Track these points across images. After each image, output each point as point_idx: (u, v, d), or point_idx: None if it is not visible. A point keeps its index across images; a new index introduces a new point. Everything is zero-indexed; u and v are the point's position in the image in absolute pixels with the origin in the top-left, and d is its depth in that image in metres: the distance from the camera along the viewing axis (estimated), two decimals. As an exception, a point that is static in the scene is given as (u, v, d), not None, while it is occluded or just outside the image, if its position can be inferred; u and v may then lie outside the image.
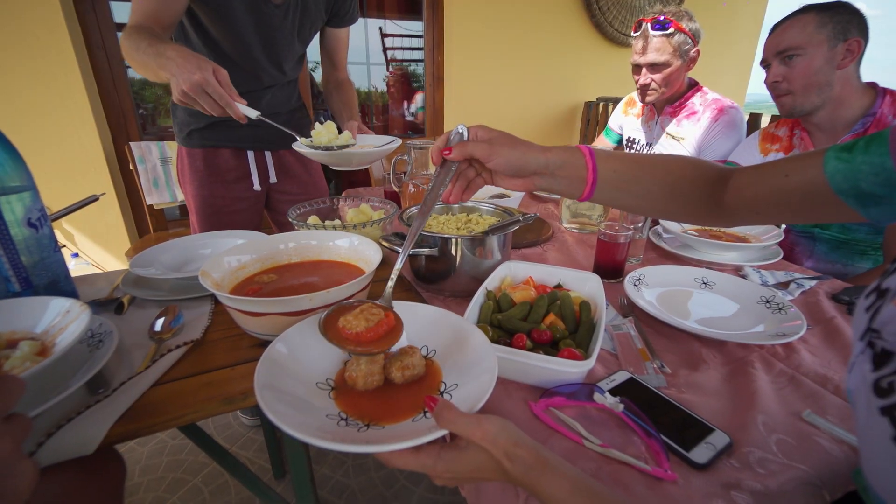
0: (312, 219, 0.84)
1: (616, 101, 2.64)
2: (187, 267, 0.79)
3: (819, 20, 0.97)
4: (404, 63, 2.90)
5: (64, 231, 2.11)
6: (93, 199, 0.89)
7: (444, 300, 0.77)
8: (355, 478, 1.34)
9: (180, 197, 2.10)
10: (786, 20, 1.03)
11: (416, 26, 2.68)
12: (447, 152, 0.52)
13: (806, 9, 1.00)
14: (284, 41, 1.07)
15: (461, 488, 0.64)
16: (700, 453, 0.44)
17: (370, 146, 1.04)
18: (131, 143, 1.97)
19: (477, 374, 0.43)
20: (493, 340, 0.55)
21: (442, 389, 0.46)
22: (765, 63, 1.07)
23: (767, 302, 0.73)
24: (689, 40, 1.29)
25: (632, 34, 1.35)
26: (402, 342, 0.48)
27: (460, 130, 0.54)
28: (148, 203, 2.03)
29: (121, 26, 2.02)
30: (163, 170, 2.05)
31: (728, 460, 0.44)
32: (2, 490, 0.26)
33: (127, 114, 2.13)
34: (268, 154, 1.22)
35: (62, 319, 0.54)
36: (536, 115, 2.86)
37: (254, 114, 0.78)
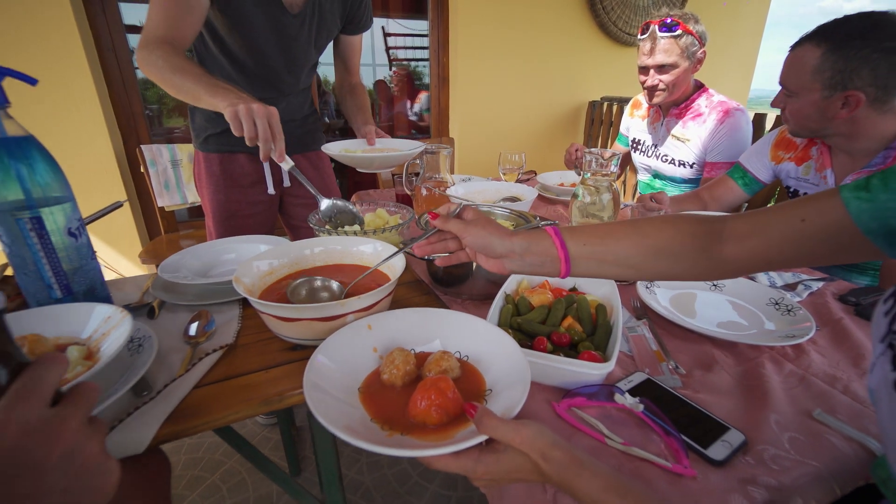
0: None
1: (620, 100, 2.65)
2: (213, 271, 0.81)
3: (819, 63, 0.86)
4: (407, 62, 2.92)
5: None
6: (117, 206, 0.92)
7: (463, 303, 0.79)
8: (369, 475, 1.37)
9: (191, 199, 2.13)
10: (800, 43, 0.91)
11: (419, 25, 2.69)
12: (433, 217, 0.54)
13: (819, 39, 0.87)
14: (301, 50, 1.09)
15: (480, 487, 0.67)
16: (717, 451, 0.47)
17: (392, 149, 1.09)
18: (142, 146, 1.99)
19: (510, 381, 0.46)
20: (516, 343, 0.58)
21: (485, 393, 0.48)
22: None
23: (776, 304, 0.75)
24: (696, 42, 1.30)
25: (639, 36, 1.36)
26: (437, 346, 0.51)
27: (453, 207, 0.56)
28: (159, 205, 2.06)
29: (130, 28, 2.04)
30: (173, 172, 2.08)
31: (744, 457, 0.47)
32: (95, 486, 0.29)
33: (137, 117, 2.15)
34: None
35: (104, 325, 0.56)
36: (541, 114, 2.88)
37: (290, 164, 0.84)
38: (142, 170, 2.02)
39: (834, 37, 0.85)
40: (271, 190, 1.24)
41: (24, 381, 0.28)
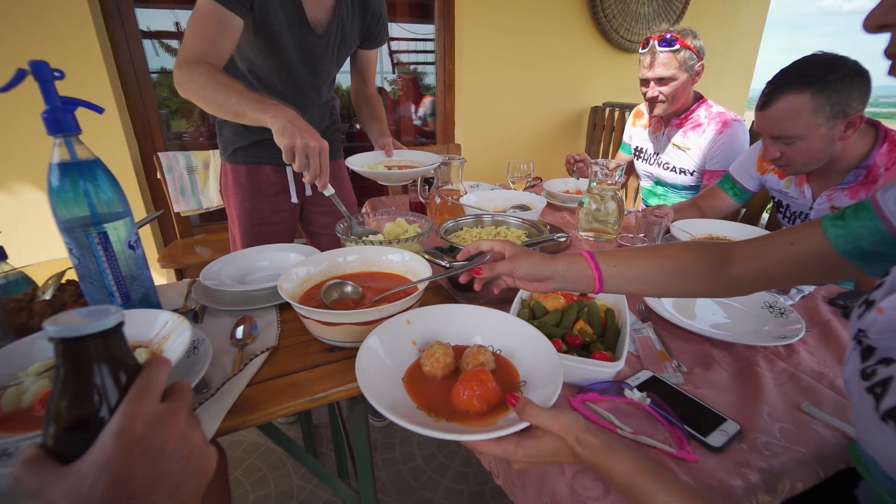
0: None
1: (621, 106, 2.72)
2: (248, 278, 0.88)
3: (814, 103, 0.90)
4: (412, 66, 2.98)
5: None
6: (158, 215, 0.99)
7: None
8: (384, 470, 1.43)
9: (205, 204, 2.20)
10: (776, 97, 0.94)
11: (424, 29, 2.75)
12: (478, 273, 0.62)
13: (799, 85, 0.91)
14: (325, 67, 1.16)
15: (495, 477, 0.74)
16: (715, 438, 0.53)
17: (410, 162, 1.16)
18: (159, 154, 2.06)
19: (545, 374, 0.51)
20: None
21: (520, 385, 0.54)
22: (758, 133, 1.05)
23: (770, 307, 0.82)
24: (694, 56, 1.37)
25: (640, 50, 1.43)
26: (474, 341, 0.58)
27: (485, 248, 0.66)
28: (175, 211, 2.12)
29: (146, 34, 2.11)
30: (189, 178, 2.14)
31: (739, 444, 0.53)
32: (201, 466, 0.35)
33: (152, 124, 2.22)
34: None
35: (164, 329, 0.62)
36: (545, 120, 2.94)
37: (331, 191, 0.92)
38: (158, 176, 2.08)
39: (812, 78, 0.90)
40: (294, 199, 1.30)
41: (143, 381, 0.33)
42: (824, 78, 0.89)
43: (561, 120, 2.99)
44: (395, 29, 2.97)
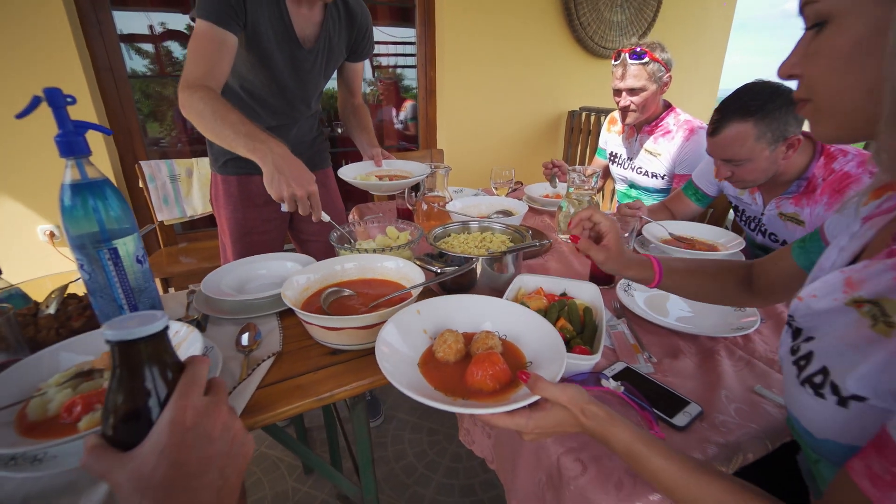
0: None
1: (597, 110, 2.83)
2: (247, 287, 0.92)
3: (756, 131, 1.01)
4: (392, 69, 3.02)
5: (74, 248, 2.17)
6: (150, 228, 1.02)
7: (469, 309, 0.91)
8: (378, 469, 1.48)
9: (189, 212, 2.19)
10: (723, 126, 1.04)
11: (405, 33, 2.79)
12: (575, 240, 0.77)
13: (743, 114, 1.01)
14: (314, 81, 1.20)
15: (488, 462, 0.80)
16: (680, 419, 0.60)
17: (401, 172, 1.21)
18: (141, 163, 2.05)
19: (550, 354, 0.58)
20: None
21: (526, 365, 0.60)
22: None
23: (731, 301, 0.90)
24: (662, 68, 1.46)
25: (613, 62, 1.52)
26: (482, 327, 0.66)
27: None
28: (159, 219, 2.12)
29: (124, 37, 2.09)
30: (172, 187, 2.14)
31: (700, 423, 0.61)
32: (242, 452, 0.39)
33: (133, 132, 2.21)
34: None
35: (174, 338, 0.66)
36: (524, 124, 3.03)
37: (327, 218, 0.95)
38: (140, 185, 2.07)
39: (754, 107, 1.00)
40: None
41: (188, 377, 0.38)
42: (764, 107, 1.00)
43: (540, 124, 3.09)
44: (375, 33, 3.01)
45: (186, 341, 0.65)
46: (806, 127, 1.03)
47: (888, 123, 0.36)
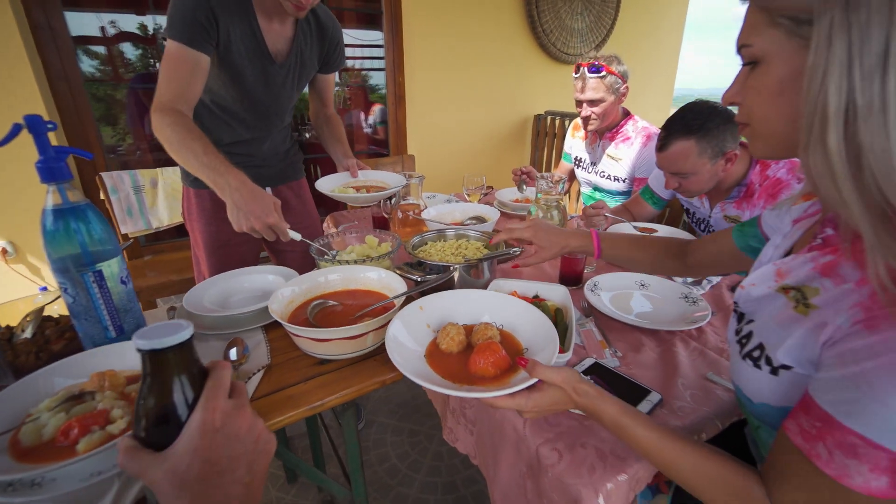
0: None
1: (562, 114, 2.94)
2: (230, 301, 0.93)
3: (698, 147, 1.13)
4: (360, 72, 3.02)
5: (30, 265, 2.07)
6: (128, 245, 1.01)
7: (449, 314, 0.96)
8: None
9: (155, 224, 2.14)
10: (670, 143, 1.16)
11: (372, 35, 2.80)
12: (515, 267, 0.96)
13: (686, 133, 1.14)
14: (286, 94, 1.21)
15: (471, 457, 0.85)
16: (644, 407, 0.67)
17: (378, 183, 1.25)
18: (103, 174, 1.98)
19: (543, 342, 0.64)
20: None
21: (523, 352, 0.66)
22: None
23: (686, 297, 0.99)
24: (619, 80, 1.56)
25: (574, 75, 1.60)
26: (480, 319, 0.72)
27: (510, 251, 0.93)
28: (123, 232, 2.05)
29: (79, 40, 2.01)
30: (136, 198, 2.08)
31: (661, 409, 0.68)
32: (266, 450, 0.42)
33: (92, 144, 2.13)
34: (268, 189, 1.35)
35: (163, 357, 0.68)
36: (492, 128, 3.11)
37: (298, 236, 0.96)
38: (101, 197, 2.00)
39: (695, 126, 1.13)
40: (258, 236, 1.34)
41: (214, 381, 0.40)
42: (704, 126, 1.12)
43: (507, 128, 3.18)
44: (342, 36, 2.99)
45: (176, 359, 0.66)
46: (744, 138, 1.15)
47: (804, 149, 0.43)
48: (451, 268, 0.93)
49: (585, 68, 1.54)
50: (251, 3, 1.07)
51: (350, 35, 2.85)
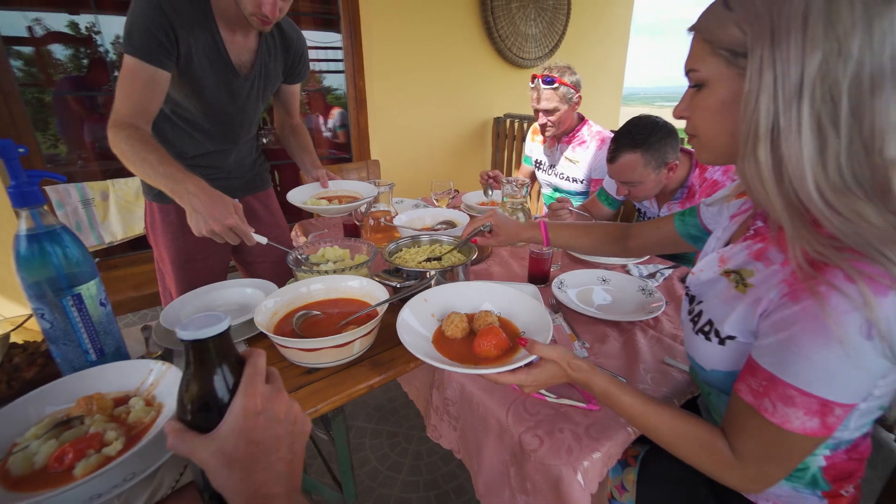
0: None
1: (520, 117, 3.05)
2: (208, 317, 0.93)
3: (644, 160, 1.26)
4: (318, 74, 2.98)
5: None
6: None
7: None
8: (343, 478, 1.52)
9: (108, 238, 2.04)
10: (618, 155, 1.29)
11: (330, 38, 2.77)
12: (474, 242, 1.04)
13: (632, 146, 1.26)
14: (251, 106, 1.21)
15: (455, 452, 0.90)
16: (611, 392, 0.75)
17: (350, 193, 1.27)
18: (47, 188, 1.87)
19: (539, 325, 0.72)
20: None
21: (521, 334, 0.73)
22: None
23: (643, 290, 1.09)
24: (572, 90, 1.67)
25: (530, 85, 1.70)
26: (486, 307, 0.79)
27: (484, 227, 1.03)
28: (72, 249, 1.94)
29: (10, 41, 1.88)
30: (85, 212, 1.98)
31: (626, 393, 0.76)
32: (303, 431, 0.45)
33: (32, 157, 1.99)
34: (235, 201, 1.33)
35: (150, 376, 0.68)
36: (454, 131, 3.18)
37: (263, 240, 0.96)
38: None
39: (640, 140, 1.26)
40: (221, 241, 1.32)
41: (252, 368, 0.42)
42: (648, 140, 1.25)
43: (468, 131, 3.25)
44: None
45: (163, 379, 0.67)
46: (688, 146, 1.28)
47: (741, 159, 0.52)
48: (428, 273, 0.97)
49: (540, 80, 1.63)
50: (213, 16, 1.06)
51: (307, 38, 2.81)
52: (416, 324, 0.76)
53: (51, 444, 0.56)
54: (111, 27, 2.14)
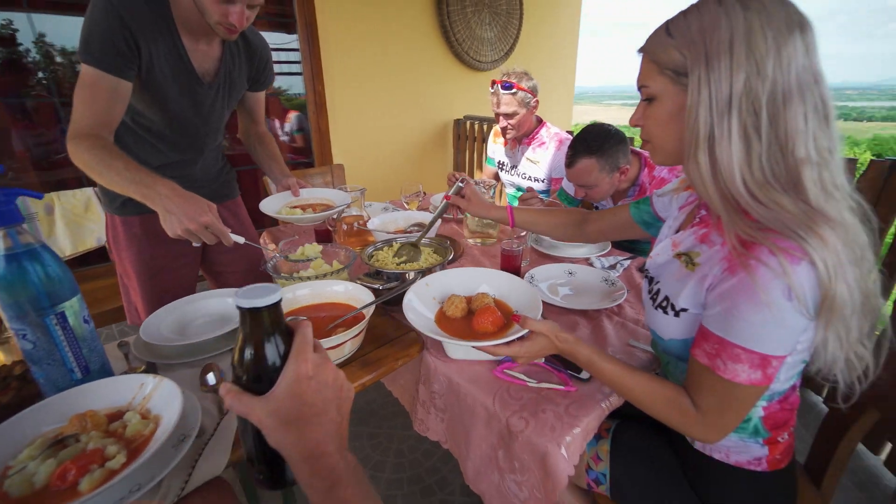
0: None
1: (480, 119, 3.14)
2: (189, 328, 0.92)
3: (598, 164, 1.36)
4: (275, 77, 2.93)
5: None
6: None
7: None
8: (326, 482, 1.52)
9: (67, 252, 1.92)
10: (575, 161, 1.38)
11: (284, 38, 2.73)
12: (447, 198, 1.15)
13: (587, 153, 1.36)
14: (216, 114, 1.19)
15: (442, 443, 0.95)
16: (584, 374, 0.82)
17: (323, 201, 1.29)
18: (-17, 203, 1.73)
19: (529, 305, 0.82)
20: (463, 337, 0.87)
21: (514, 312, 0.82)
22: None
23: (606, 280, 1.18)
24: (529, 95, 1.76)
25: (490, 90, 1.77)
26: (483, 289, 0.90)
27: (460, 183, 1.15)
28: (15, 267, 1.81)
29: None
30: (29, 228, 1.84)
31: (598, 374, 0.84)
32: (348, 396, 0.47)
33: (-38, 168, 1.84)
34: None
35: (142, 391, 0.68)
36: (415, 133, 3.22)
37: (241, 240, 0.96)
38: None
39: (594, 147, 1.37)
40: (196, 242, 1.30)
41: (301, 337, 0.45)
42: (601, 147, 1.36)
43: (430, 133, 3.30)
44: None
45: (157, 392, 0.67)
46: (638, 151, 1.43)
47: (686, 161, 0.62)
48: (407, 274, 1.01)
49: (499, 85, 1.72)
50: (174, 24, 1.04)
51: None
52: (420, 306, 0.86)
53: (49, 464, 0.55)
54: (34, 25, 1.99)
